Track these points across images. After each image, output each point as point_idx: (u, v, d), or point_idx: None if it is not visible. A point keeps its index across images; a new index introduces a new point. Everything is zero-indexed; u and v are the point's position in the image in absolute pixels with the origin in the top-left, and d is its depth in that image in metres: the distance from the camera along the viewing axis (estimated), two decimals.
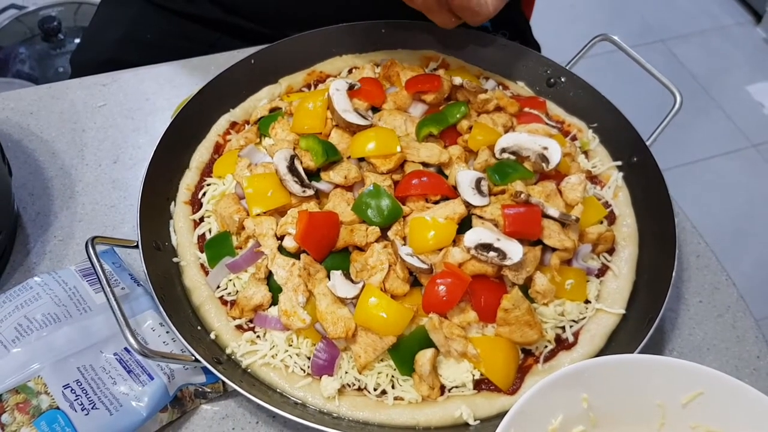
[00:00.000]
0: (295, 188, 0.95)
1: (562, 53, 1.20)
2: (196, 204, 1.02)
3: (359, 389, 0.87)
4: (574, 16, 3.30)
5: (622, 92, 1.25)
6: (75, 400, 0.79)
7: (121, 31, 1.42)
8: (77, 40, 2.51)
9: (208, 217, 1.01)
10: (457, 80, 1.08)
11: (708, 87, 3.11)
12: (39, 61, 2.49)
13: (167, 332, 0.89)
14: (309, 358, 0.88)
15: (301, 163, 0.99)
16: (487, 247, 0.89)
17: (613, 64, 1.97)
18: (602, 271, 0.98)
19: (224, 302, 0.93)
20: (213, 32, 1.41)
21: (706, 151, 2.87)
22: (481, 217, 0.94)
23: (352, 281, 0.89)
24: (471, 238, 0.90)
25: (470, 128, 1.04)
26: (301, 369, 0.87)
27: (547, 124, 1.10)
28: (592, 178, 1.07)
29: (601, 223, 1.01)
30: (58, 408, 0.78)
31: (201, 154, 1.07)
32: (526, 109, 1.11)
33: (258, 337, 0.90)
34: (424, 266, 0.88)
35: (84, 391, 0.80)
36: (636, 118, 1.09)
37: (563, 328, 0.92)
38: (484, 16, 1.01)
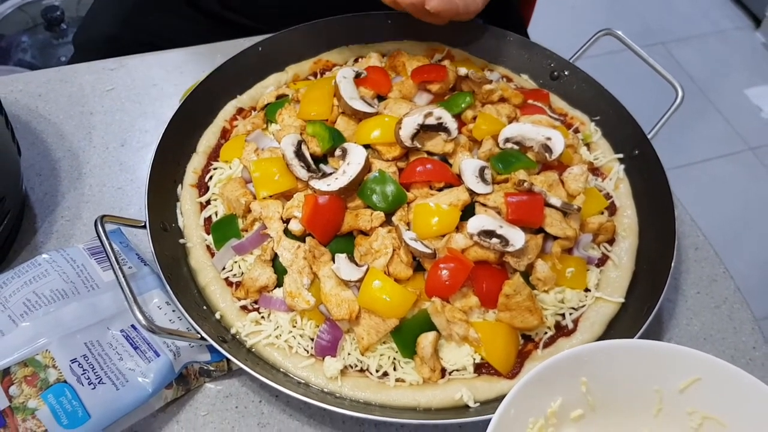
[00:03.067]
0: (302, 173, 0.96)
1: (562, 54, 1.22)
2: (202, 187, 1.04)
3: (361, 370, 0.88)
4: (574, 17, 3.31)
5: (624, 89, 1.26)
6: (82, 374, 0.80)
7: (124, 10, 1.42)
8: None
9: (215, 200, 1.02)
10: (463, 71, 1.09)
11: (706, 90, 3.13)
12: (41, 51, 2.50)
13: (173, 311, 0.90)
14: (312, 339, 0.89)
15: (308, 148, 1.00)
16: (489, 233, 0.90)
17: (615, 62, 1.98)
18: (602, 261, 0.99)
19: (230, 283, 0.94)
20: (213, 24, 1.42)
21: (703, 154, 2.89)
22: (484, 205, 0.95)
23: (356, 264, 0.90)
24: (474, 224, 0.91)
25: (475, 118, 1.05)
26: (305, 350, 0.88)
27: (550, 116, 1.11)
28: (594, 170, 1.09)
29: (602, 213, 1.02)
30: (65, 381, 0.79)
31: (208, 138, 1.09)
32: (530, 101, 1.13)
33: (262, 317, 0.91)
34: (428, 251, 0.90)
35: (91, 366, 0.81)
36: (637, 114, 1.10)
37: (563, 315, 0.93)
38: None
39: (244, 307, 0.92)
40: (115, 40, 1.30)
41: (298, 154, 0.98)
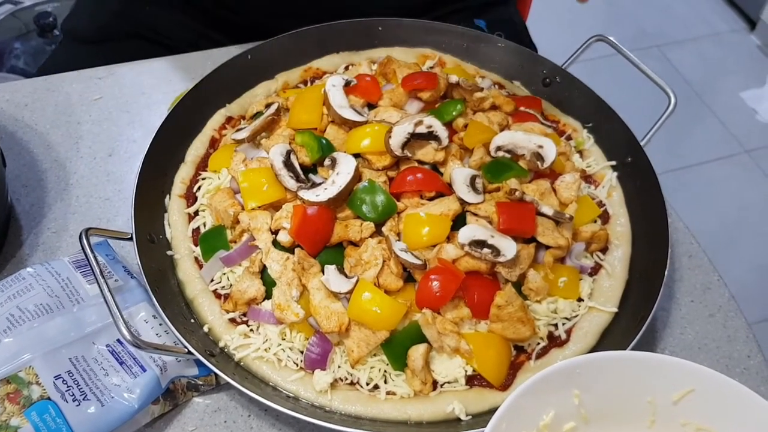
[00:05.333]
0: (291, 183, 0.95)
1: (559, 58, 1.21)
2: (190, 197, 1.02)
3: (352, 383, 0.87)
4: (569, 20, 3.30)
5: (617, 95, 1.25)
6: (66, 390, 0.78)
7: (114, 5, 1.42)
8: None
9: (203, 210, 1.01)
10: (454, 78, 1.08)
11: (702, 93, 3.12)
12: (34, 57, 2.48)
13: (160, 324, 0.89)
14: (302, 352, 0.88)
15: (297, 158, 0.99)
16: (481, 243, 0.89)
17: (609, 67, 1.97)
18: (595, 270, 0.98)
19: (218, 295, 0.93)
20: (205, 21, 1.41)
21: (699, 157, 2.88)
22: (475, 214, 0.94)
23: (346, 276, 0.89)
24: (465, 234, 0.90)
25: (466, 126, 1.04)
26: (294, 363, 0.87)
27: (542, 123, 1.10)
28: (587, 178, 1.08)
29: (595, 222, 1.01)
30: (49, 398, 0.77)
31: (196, 148, 1.07)
32: (522, 108, 1.12)
33: (251, 330, 0.90)
34: (418, 262, 0.89)
35: (75, 382, 0.79)
36: (631, 120, 1.10)
37: (556, 325, 0.92)
38: None
39: (232, 320, 0.91)
40: (104, 29, 1.28)
41: (287, 164, 0.97)
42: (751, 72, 3.24)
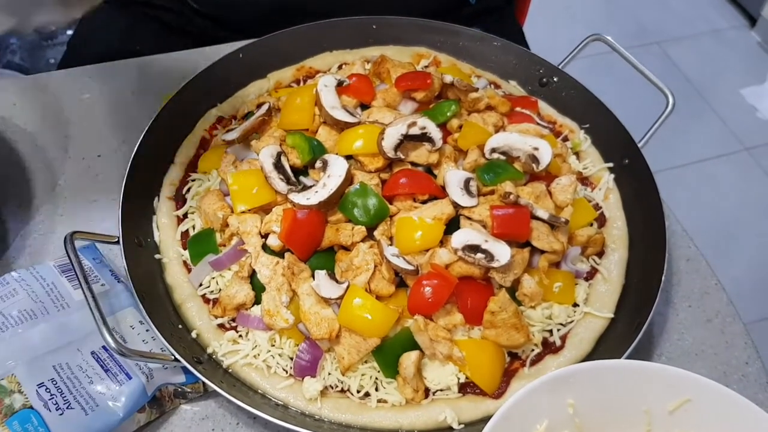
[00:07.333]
0: (281, 186, 0.93)
1: (557, 55, 1.19)
2: (180, 200, 1.01)
3: (342, 391, 0.85)
4: (569, 17, 3.29)
5: (615, 94, 1.23)
6: (50, 399, 0.77)
7: (108, 44, 1.40)
8: (69, 32, 2.49)
9: (192, 213, 0.99)
10: (448, 78, 1.06)
11: (702, 90, 3.10)
12: (30, 52, 2.47)
13: (147, 330, 0.87)
14: (291, 359, 0.86)
15: (288, 160, 0.97)
16: (474, 248, 0.88)
17: (607, 66, 1.95)
18: (591, 274, 0.97)
19: (206, 300, 0.92)
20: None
21: (698, 154, 2.87)
22: (469, 218, 0.92)
23: (336, 281, 0.87)
24: (458, 239, 0.89)
25: (460, 127, 1.02)
26: (284, 370, 0.86)
27: (538, 124, 1.09)
28: (583, 180, 1.06)
29: (591, 225, 1.00)
30: (31, 407, 0.76)
31: (186, 148, 1.06)
32: (518, 109, 1.10)
33: (240, 336, 0.88)
34: (410, 267, 0.87)
35: (59, 390, 0.78)
36: (629, 120, 1.08)
37: (551, 331, 0.91)
38: None
39: (221, 326, 0.89)
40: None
41: (278, 166, 0.95)
42: (752, 69, 3.22)
